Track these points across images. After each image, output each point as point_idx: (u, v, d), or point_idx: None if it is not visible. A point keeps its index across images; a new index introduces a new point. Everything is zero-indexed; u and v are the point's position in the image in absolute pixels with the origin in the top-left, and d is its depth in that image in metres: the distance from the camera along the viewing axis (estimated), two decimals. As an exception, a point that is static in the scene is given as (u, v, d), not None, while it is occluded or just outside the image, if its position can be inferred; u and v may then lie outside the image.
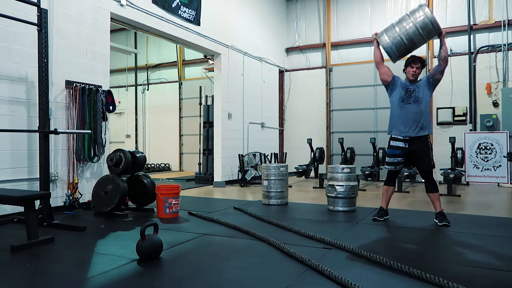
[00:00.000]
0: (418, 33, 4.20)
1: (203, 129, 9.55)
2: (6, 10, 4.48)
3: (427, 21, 4.16)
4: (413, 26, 4.20)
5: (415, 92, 4.43)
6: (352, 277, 2.55)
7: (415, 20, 4.20)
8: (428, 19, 4.16)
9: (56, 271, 2.91)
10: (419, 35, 4.22)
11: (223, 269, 2.92)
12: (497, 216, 5.02)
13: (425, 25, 4.17)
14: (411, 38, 4.24)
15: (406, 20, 4.27)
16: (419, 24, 4.18)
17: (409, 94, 4.45)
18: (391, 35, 4.34)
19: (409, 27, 4.22)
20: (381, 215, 4.66)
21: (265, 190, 5.99)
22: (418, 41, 4.29)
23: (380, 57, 4.62)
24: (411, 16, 4.25)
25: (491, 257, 3.22)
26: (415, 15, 4.22)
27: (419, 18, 4.19)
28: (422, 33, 4.21)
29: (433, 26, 4.17)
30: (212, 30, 8.47)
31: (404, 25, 4.25)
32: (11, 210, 4.56)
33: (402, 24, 4.28)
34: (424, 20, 4.17)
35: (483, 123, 9.08)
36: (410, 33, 4.22)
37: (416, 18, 4.20)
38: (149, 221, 3.70)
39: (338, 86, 11.17)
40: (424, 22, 4.17)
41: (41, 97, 4.44)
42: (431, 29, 4.20)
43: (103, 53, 5.95)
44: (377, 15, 10.66)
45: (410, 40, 4.26)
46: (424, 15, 4.17)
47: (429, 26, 4.17)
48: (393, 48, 4.34)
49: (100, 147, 5.64)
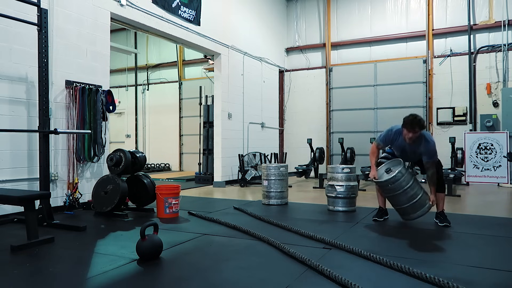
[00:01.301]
0: (411, 194, 4.18)
1: (203, 129, 9.55)
2: (6, 10, 4.48)
3: (426, 209, 4.19)
4: (409, 197, 4.16)
5: (414, 151, 4.31)
6: (352, 277, 2.55)
7: (417, 203, 4.18)
8: (426, 210, 4.20)
9: (56, 271, 2.91)
10: (410, 192, 4.18)
11: (223, 269, 2.92)
12: (497, 216, 5.02)
13: (421, 205, 4.19)
14: (403, 188, 4.18)
15: (413, 188, 4.19)
16: (413, 203, 4.17)
17: (406, 154, 4.39)
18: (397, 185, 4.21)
19: (408, 191, 4.16)
20: (380, 215, 4.66)
21: (265, 190, 5.99)
22: (402, 192, 4.22)
23: (376, 153, 4.52)
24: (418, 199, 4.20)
25: (491, 257, 3.22)
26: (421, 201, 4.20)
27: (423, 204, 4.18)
28: (408, 205, 4.21)
29: (423, 212, 4.22)
30: (212, 30, 8.46)
31: (409, 190, 4.18)
32: (11, 210, 4.56)
33: (410, 188, 4.19)
34: (424, 210, 4.19)
35: (483, 123, 9.08)
36: (406, 191, 4.17)
37: (418, 202, 4.17)
38: (149, 221, 3.70)
39: (338, 86, 11.16)
40: (422, 205, 4.18)
41: (41, 97, 4.44)
42: (425, 211, 4.23)
43: (103, 53, 5.95)
44: (377, 15, 10.66)
45: (402, 189, 4.19)
46: (427, 206, 4.20)
47: (425, 210, 4.19)
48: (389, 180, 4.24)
49: (100, 147, 5.64)
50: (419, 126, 4.05)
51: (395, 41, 10.45)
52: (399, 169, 4.20)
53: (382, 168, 4.45)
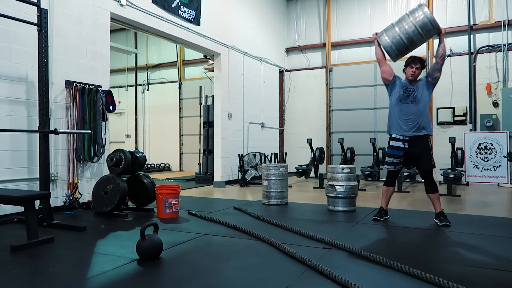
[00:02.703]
0: (417, 32, 4.24)
1: (203, 129, 9.55)
2: (6, 10, 4.48)
3: (426, 20, 4.19)
4: (413, 25, 4.23)
5: (414, 92, 4.43)
6: (352, 277, 2.55)
7: (414, 19, 4.23)
8: (427, 18, 4.19)
9: (56, 271, 2.91)
10: (419, 34, 4.25)
11: (223, 269, 2.92)
12: (497, 216, 5.02)
13: (424, 24, 4.20)
14: (411, 37, 4.27)
15: (405, 19, 4.31)
16: (419, 24, 4.21)
17: (407, 94, 4.45)
18: (391, 34, 4.38)
19: (408, 27, 4.26)
20: (381, 215, 4.66)
21: (265, 190, 5.99)
22: (417, 40, 4.32)
23: (382, 55, 4.64)
24: (410, 15, 4.29)
25: (491, 257, 3.22)
26: (415, 15, 4.25)
27: (419, 17, 4.22)
28: (421, 32, 4.23)
29: (432, 25, 4.20)
30: (212, 30, 8.46)
31: (404, 24, 4.29)
32: (11, 210, 4.56)
33: (401, 23, 4.32)
34: (423, 20, 4.20)
35: (483, 123, 9.08)
36: (410, 32, 4.26)
37: (415, 18, 4.23)
38: (149, 221, 3.70)
39: (338, 86, 11.17)
40: (424, 22, 4.20)
41: (41, 97, 4.44)
42: (430, 28, 4.22)
43: (103, 53, 5.95)
44: (377, 15, 10.66)
45: (410, 39, 4.29)
46: (424, 15, 4.20)
47: (428, 26, 4.20)
48: (393, 47, 4.39)
49: (100, 147, 5.64)
50: (420, 61, 4.45)
51: (395, 41, 10.43)
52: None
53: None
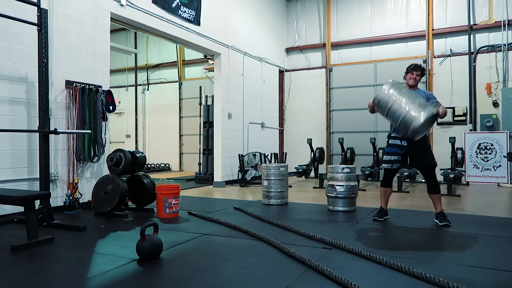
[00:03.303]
0: (398, 118, 4.20)
1: (203, 129, 9.55)
2: (6, 10, 4.48)
3: (409, 124, 4.14)
4: (404, 112, 4.15)
5: None
6: (352, 277, 2.55)
7: (408, 112, 4.15)
8: (412, 126, 4.13)
9: (56, 271, 2.91)
10: (398, 118, 4.21)
11: (223, 269, 2.92)
12: (497, 216, 5.02)
13: (407, 122, 4.15)
14: (392, 112, 4.24)
15: (408, 103, 4.20)
16: (406, 118, 4.15)
17: None
18: (386, 99, 4.31)
19: (400, 108, 4.18)
20: (381, 215, 4.66)
21: (265, 190, 5.99)
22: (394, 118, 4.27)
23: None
24: (412, 107, 4.18)
25: (491, 257, 3.22)
26: (413, 113, 4.15)
27: (413, 117, 4.13)
28: (402, 123, 4.19)
29: (409, 129, 4.17)
30: (212, 30, 8.46)
31: (402, 103, 4.20)
32: (11, 210, 4.56)
33: (402, 102, 4.22)
34: (410, 121, 4.14)
35: (483, 123, 9.08)
36: (396, 111, 4.20)
37: (412, 114, 4.14)
38: (149, 221, 3.70)
39: (338, 86, 11.16)
40: (407, 122, 4.15)
41: (41, 97, 4.44)
42: (405, 129, 4.20)
43: (103, 53, 5.95)
44: (377, 15, 10.66)
45: (391, 113, 4.25)
46: (412, 123, 4.13)
47: (407, 125, 4.15)
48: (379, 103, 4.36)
49: (100, 147, 5.64)
50: (420, 69, 4.66)
51: (395, 41, 10.45)
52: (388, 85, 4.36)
53: None
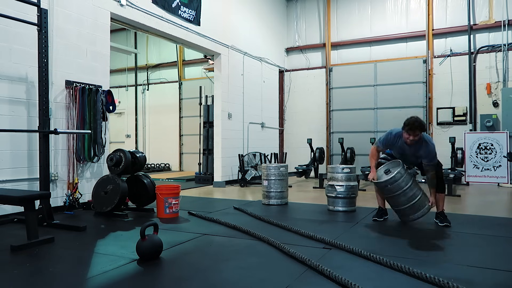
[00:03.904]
0: (401, 201, 4.23)
1: (203, 129, 9.55)
2: (6, 10, 4.47)
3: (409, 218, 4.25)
4: (406, 201, 4.19)
5: (414, 150, 4.29)
6: (352, 277, 2.55)
7: (415, 206, 4.20)
8: (411, 218, 4.26)
9: (56, 271, 2.91)
10: (399, 199, 4.24)
11: (223, 269, 2.92)
12: (497, 216, 5.01)
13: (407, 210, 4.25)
14: (395, 193, 4.22)
15: (413, 196, 4.20)
16: (408, 206, 4.20)
17: (407, 153, 4.36)
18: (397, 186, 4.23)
19: (407, 192, 4.18)
20: (380, 215, 4.66)
21: (265, 190, 5.99)
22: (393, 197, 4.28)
23: (376, 156, 4.55)
24: (418, 203, 4.21)
25: (491, 257, 3.22)
26: (420, 207, 4.20)
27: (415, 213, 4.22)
28: (407, 206, 4.23)
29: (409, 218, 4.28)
30: (212, 30, 8.46)
31: (408, 190, 4.19)
32: (11, 210, 4.56)
33: (408, 191, 4.21)
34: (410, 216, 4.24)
35: (483, 123, 9.08)
36: (400, 195, 4.20)
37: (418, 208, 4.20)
38: (149, 221, 3.70)
39: (338, 86, 11.16)
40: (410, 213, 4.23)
41: (41, 97, 4.44)
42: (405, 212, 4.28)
43: (103, 53, 5.95)
44: (377, 15, 10.66)
45: (395, 193, 4.24)
46: (417, 215, 4.23)
47: (407, 212, 4.23)
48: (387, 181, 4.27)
49: (100, 147, 5.64)
50: (420, 129, 4.04)
51: (395, 41, 10.45)
52: (398, 169, 4.20)
53: (382, 170, 4.45)
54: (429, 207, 4.23)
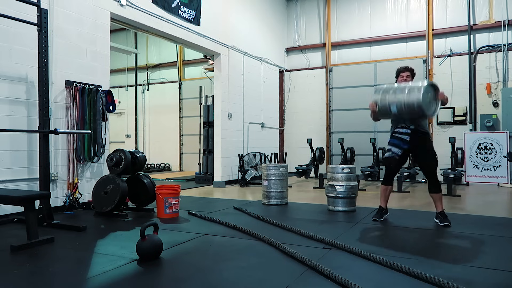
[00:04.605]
0: (401, 106, 4.23)
1: (203, 129, 9.55)
2: (6, 10, 4.47)
3: (413, 102, 4.17)
4: (402, 99, 4.21)
5: None
6: (352, 277, 2.55)
7: (408, 95, 4.19)
8: (415, 102, 4.16)
9: (56, 271, 2.91)
10: (402, 109, 4.24)
11: (223, 269, 2.92)
12: (497, 216, 5.02)
13: (410, 104, 4.19)
14: (394, 107, 4.27)
15: (403, 91, 4.25)
16: (407, 101, 4.19)
17: None
18: (382, 98, 4.36)
19: (397, 99, 4.24)
20: (380, 215, 4.66)
21: (265, 190, 5.99)
22: (399, 112, 4.31)
23: (376, 118, 4.71)
24: (409, 91, 4.22)
25: (491, 257, 3.22)
26: (412, 92, 4.20)
27: (411, 97, 4.18)
28: (404, 109, 4.23)
29: (416, 108, 4.19)
30: (212, 30, 8.47)
31: (397, 94, 4.25)
32: (11, 210, 4.56)
33: (397, 93, 4.27)
34: (411, 100, 4.18)
35: (483, 123, 9.08)
36: (396, 102, 4.25)
37: (410, 95, 4.19)
38: (149, 221, 3.70)
39: (338, 86, 11.17)
40: (411, 103, 4.18)
41: (41, 97, 4.44)
42: (415, 110, 4.22)
43: (103, 53, 5.95)
44: (377, 15, 10.67)
45: (394, 107, 4.28)
46: (416, 97, 4.17)
47: (413, 107, 4.18)
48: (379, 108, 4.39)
49: (100, 147, 5.64)
50: (409, 70, 4.63)
51: (395, 41, 10.45)
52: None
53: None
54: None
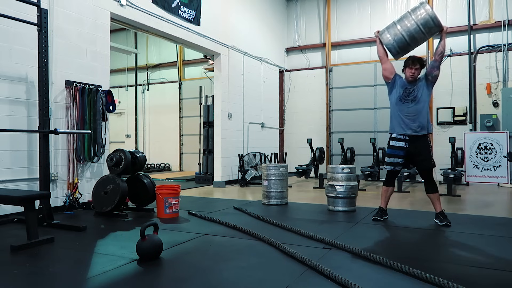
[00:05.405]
0: (419, 30, 4.26)
1: (203, 129, 9.55)
2: (6, 10, 4.47)
3: (428, 17, 4.22)
4: (415, 23, 4.26)
5: (414, 92, 4.43)
6: (352, 277, 2.55)
7: (416, 17, 4.27)
8: (429, 15, 4.21)
9: (56, 271, 2.91)
10: (420, 32, 4.28)
11: (223, 269, 2.92)
12: (497, 216, 5.02)
13: (426, 21, 4.23)
14: (412, 35, 4.30)
15: (407, 17, 4.34)
16: (420, 21, 4.24)
17: (407, 93, 4.45)
18: (392, 32, 4.41)
19: (410, 25, 4.29)
20: (380, 215, 4.66)
21: (265, 190, 5.99)
22: (419, 38, 4.34)
23: (383, 52, 4.62)
24: (412, 13, 4.32)
25: (492, 257, 3.22)
26: (416, 13, 4.29)
27: (420, 15, 4.25)
28: (423, 30, 4.26)
29: (434, 22, 4.22)
30: (212, 30, 8.46)
31: (406, 22, 4.32)
32: (11, 210, 4.56)
33: (403, 21, 4.35)
34: (425, 17, 4.23)
35: (483, 123, 9.08)
36: (411, 30, 4.28)
37: (417, 16, 4.27)
38: (149, 221, 3.70)
39: (338, 86, 11.17)
40: (425, 19, 4.23)
41: (41, 97, 4.44)
42: (432, 26, 4.25)
43: (103, 53, 5.95)
44: (377, 15, 10.66)
45: (411, 37, 4.32)
46: (425, 12, 4.24)
47: (430, 23, 4.22)
48: (394, 45, 4.41)
49: (100, 147, 5.64)
50: (419, 61, 4.43)
51: (395, 41, 10.43)
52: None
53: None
54: None
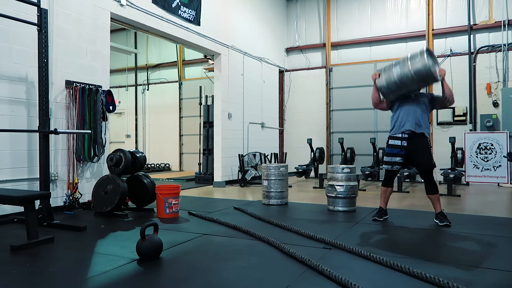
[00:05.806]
0: (411, 76, 4.19)
1: (203, 129, 9.55)
2: (6, 10, 4.47)
3: (421, 67, 4.13)
4: (408, 70, 4.20)
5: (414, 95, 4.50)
6: (352, 277, 2.55)
7: (411, 64, 4.19)
8: (422, 66, 4.13)
9: (56, 271, 2.91)
10: (411, 79, 4.21)
11: (223, 269, 2.92)
12: (497, 216, 5.02)
13: (418, 70, 4.16)
14: (403, 80, 4.25)
15: (405, 63, 4.26)
16: (413, 69, 4.17)
17: (407, 96, 4.50)
18: (386, 75, 4.39)
19: (403, 71, 4.24)
20: (380, 215, 4.66)
21: (265, 190, 5.99)
22: (410, 83, 4.27)
23: (378, 98, 4.65)
24: (409, 60, 4.24)
25: (491, 257, 3.22)
26: (414, 60, 4.21)
27: (415, 64, 4.17)
28: (414, 77, 4.20)
29: (427, 73, 4.14)
30: (212, 30, 8.47)
31: (402, 67, 4.27)
32: (11, 210, 4.56)
33: (400, 66, 4.29)
34: (418, 66, 4.16)
35: (483, 123, 9.08)
36: (402, 75, 4.23)
37: (413, 63, 4.19)
38: (149, 221, 3.70)
39: (338, 86, 11.17)
40: (418, 68, 4.16)
41: (41, 97, 4.44)
42: (424, 76, 4.18)
43: (103, 53, 5.95)
44: (377, 15, 10.67)
45: (402, 82, 4.27)
46: (421, 62, 4.15)
47: (422, 72, 4.15)
48: (385, 86, 4.42)
49: (100, 147, 5.64)
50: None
51: (395, 41, 10.45)
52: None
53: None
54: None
